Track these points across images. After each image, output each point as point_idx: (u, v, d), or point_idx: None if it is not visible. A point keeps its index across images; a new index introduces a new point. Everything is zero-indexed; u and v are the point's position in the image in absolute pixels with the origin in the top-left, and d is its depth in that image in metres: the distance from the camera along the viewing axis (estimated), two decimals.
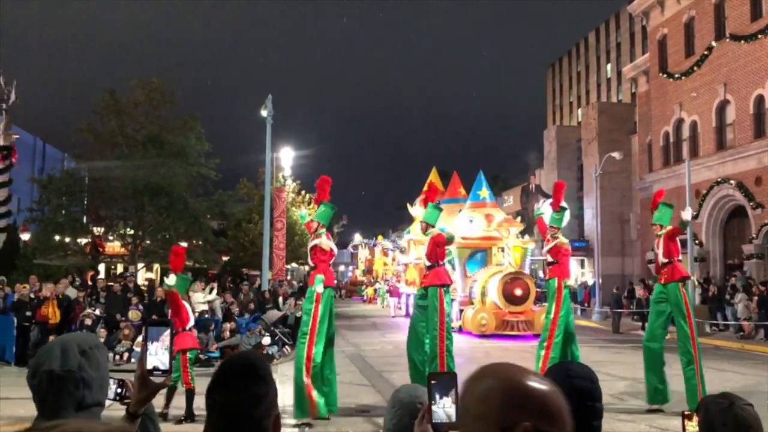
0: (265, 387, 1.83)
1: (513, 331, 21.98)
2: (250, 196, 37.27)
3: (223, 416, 1.78)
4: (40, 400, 1.89)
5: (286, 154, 31.73)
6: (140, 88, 28.03)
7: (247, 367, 1.85)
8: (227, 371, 1.86)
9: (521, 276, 22.86)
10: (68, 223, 27.50)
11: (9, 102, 28.82)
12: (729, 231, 29.47)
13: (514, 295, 22.11)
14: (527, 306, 22.45)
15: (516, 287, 22.19)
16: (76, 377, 1.91)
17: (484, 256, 25.04)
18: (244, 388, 1.80)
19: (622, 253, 40.34)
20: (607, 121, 40.67)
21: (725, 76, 28.32)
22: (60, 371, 1.90)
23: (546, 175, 47.27)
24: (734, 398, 2.36)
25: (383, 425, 2.49)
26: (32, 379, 1.90)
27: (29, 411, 7.25)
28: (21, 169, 32.66)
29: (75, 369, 1.92)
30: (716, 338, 21.00)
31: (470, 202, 26.24)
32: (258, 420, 1.79)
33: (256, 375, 1.84)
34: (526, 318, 22.28)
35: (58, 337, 2.12)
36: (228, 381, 1.82)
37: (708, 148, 29.46)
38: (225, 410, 1.78)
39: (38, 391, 1.89)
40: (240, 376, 1.82)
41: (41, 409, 1.90)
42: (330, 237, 10.10)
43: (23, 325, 15.61)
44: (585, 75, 65.44)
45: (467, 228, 24.75)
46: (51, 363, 1.90)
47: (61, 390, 1.88)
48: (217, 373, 1.86)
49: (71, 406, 1.89)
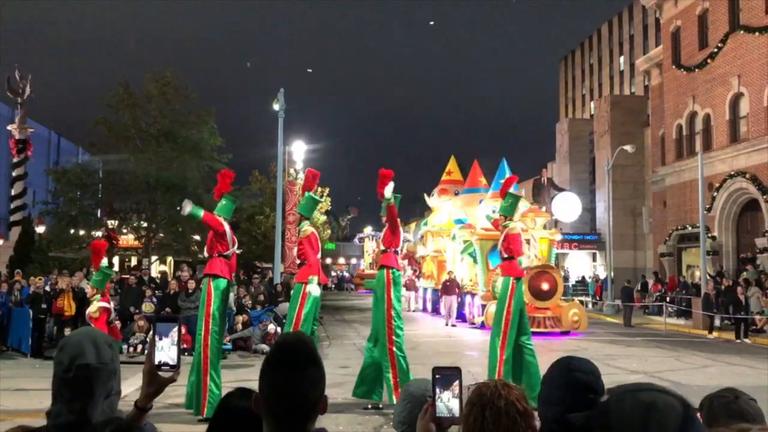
0: (321, 369, 1.87)
1: (539, 327, 20.52)
2: (262, 190, 37.36)
3: (283, 398, 1.80)
4: (73, 391, 1.95)
5: (298, 147, 31.72)
6: (153, 82, 28.13)
7: (306, 350, 1.86)
8: (288, 353, 1.85)
9: (548, 270, 21.61)
10: (82, 216, 27.69)
11: (24, 96, 29.07)
12: (742, 224, 29.30)
13: (540, 289, 20.95)
14: (555, 301, 21.28)
15: (543, 281, 21.03)
16: (109, 369, 2.00)
17: None
18: (305, 371, 1.83)
19: (635, 247, 40.21)
20: (619, 113, 40.47)
21: (739, 69, 28.11)
22: (96, 364, 1.97)
23: (558, 168, 47.10)
24: (739, 393, 2.40)
25: (393, 418, 2.55)
26: (66, 372, 1.96)
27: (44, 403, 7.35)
28: (36, 163, 32.95)
29: (108, 362, 2.00)
30: (728, 332, 20.93)
31: (492, 192, 24.56)
32: (314, 401, 1.83)
33: (314, 357, 1.86)
34: (553, 314, 21.07)
35: (79, 331, 2.18)
36: (290, 363, 1.83)
37: (721, 141, 29.27)
38: (285, 392, 1.80)
39: (73, 383, 1.95)
40: (301, 358, 1.84)
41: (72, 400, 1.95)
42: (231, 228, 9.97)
43: (39, 317, 15.78)
44: (598, 67, 65.03)
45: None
46: (86, 357, 1.97)
47: (96, 381, 1.96)
48: (277, 354, 1.87)
49: (103, 395, 1.97)
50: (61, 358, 2.00)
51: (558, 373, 2.13)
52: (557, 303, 21.43)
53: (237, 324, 17.00)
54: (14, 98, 29.35)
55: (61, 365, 1.98)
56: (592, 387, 2.25)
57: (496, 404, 1.83)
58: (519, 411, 1.84)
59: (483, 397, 1.85)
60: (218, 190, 10.09)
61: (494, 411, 1.82)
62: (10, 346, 15.92)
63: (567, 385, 1.95)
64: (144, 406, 2.00)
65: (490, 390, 1.87)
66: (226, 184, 10.08)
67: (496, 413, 1.82)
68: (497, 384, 1.90)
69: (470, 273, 25.06)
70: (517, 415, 1.83)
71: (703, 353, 16.82)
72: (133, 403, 2.02)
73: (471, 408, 1.86)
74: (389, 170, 10.07)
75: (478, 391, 1.89)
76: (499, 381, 1.94)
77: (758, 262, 26.38)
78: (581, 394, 2.16)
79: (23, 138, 28.71)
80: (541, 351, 16.68)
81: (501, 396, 1.85)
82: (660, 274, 32.36)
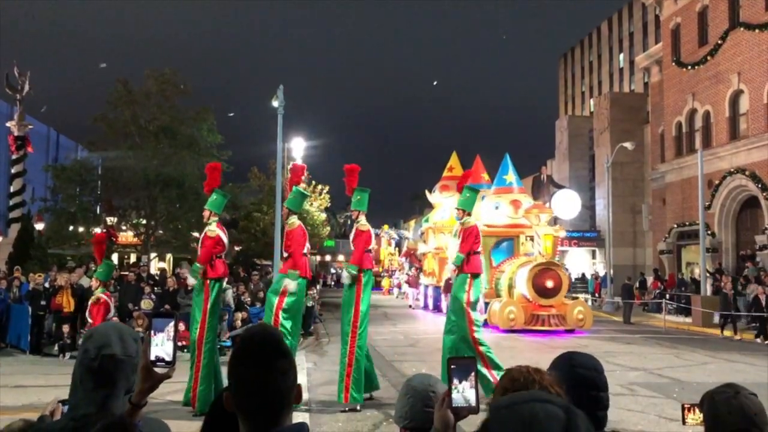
0: (289, 359, 1.85)
1: (543, 326, 20.39)
2: (261, 187, 37.36)
3: (253, 393, 1.78)
4: (97, 381, 1.93)
5: (298, 144, 31.69)
6: (152, 79, 28.11)
7: (272, 342, 1.84)
8: (252, 346, 1.83)
9: (553, 266, 21.18)
10: (81, 213, 27.67)
11: (23, 93, 29.01)
12: (741, 221, 29.30)
13: (545, 287, 20.56)
14: (559, 299, 20.88)
15: (547, 279, 20.64)
16: (133, 363, 1.98)
17: (510, 245, 23.76)
18: (272, 363, 1.80)
19: (634, 244, 40.21)
20: (619, 111, 40.44)
21: (739, 66, 28.09)
22: (122, 356, 1.96)
23: (558, 166, 47.08)
24: (739, 388, 2.39)
25: (395, 413, 2.53)
26: (93, 361, 1.94)
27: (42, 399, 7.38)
28: (35, 159, 32.92)
29: (134, 355, 1.99)
30: (728, 329, 20.92)
31: (495, 188, 24.73)
32: (285, 393, 1.81)
33: (281, 349, 1.84)
34: (557, 312, 20.65)
35: (106, 324, 2.18)
36: (256, 356, 1.80)
37: (721, 139, 29.25)
38: (254, 386, 1.78)
39: (98, 372, 1.93)
40: (267, 350, 1.82)
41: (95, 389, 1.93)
42: (221, 226, 9.79)
43: (38, 314, 15.78)
44: (597, 65, 65.00)
45: (492, 215, 23.45)
46: (113, 348, 1.96)
47: (119, 374, 1.95)
48: (243, 349, 1.85)
49: (124, 389, 1.96)
50: (88, 346, 1.99)
51: (560, 370, 2.11)
52: (562, 301, 21.04)
53: (236, 321, 17.00)
54: (13, 95, 29.29)
55: (87, 353, 1.97)
56: (594, 383, 2.23)
57: (529, 389, 1.81)
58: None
59: (516, 383, 1.83)
60: (208, 184, 10.00)
61: None
62: (9, 343, 15.91)
63: (569, 382, 1.93)
64: (138, 402, 1.98)
65: (523, 376, 1.85)
66: (215, 177, 10.02)
67: None
68: (529, 369, 1.89)
69: None
70: None
71: (702, 350, 16.83)
72: (127, 400, 2.00)
73: (503, 393, 1.83)
74: (355, 165, 10.10)
75: (510, 377, 1.86)
76: (530, 367, 1.92)
77: (758, 259, 26.38)
78: (584, 391, 2.14)
79: (22, 135, 28.65)
80: (542, 348, 16.76)
81: (535, 381, 1.83)
82: (660, 272, 32.37)
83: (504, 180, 24.53)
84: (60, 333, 15.26)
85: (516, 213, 23.38)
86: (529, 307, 20.75)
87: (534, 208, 22.73)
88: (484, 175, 27.70)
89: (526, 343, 17.87)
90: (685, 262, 32.86)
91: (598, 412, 2.23)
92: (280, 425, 1.79)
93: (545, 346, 17.22)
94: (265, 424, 1.78)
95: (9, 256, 25.05)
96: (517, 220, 23.34)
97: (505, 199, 23.80)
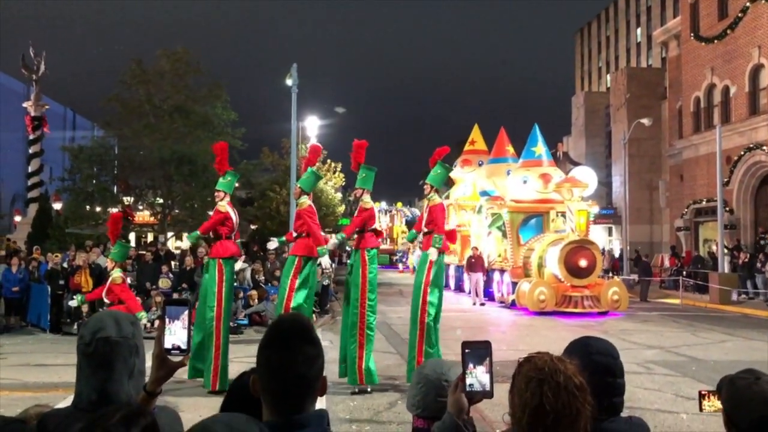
0: (318, 348, 1.86)
1: (576, 308, 19.13)
2: (275, 166, 37.33)
3: (279, 376, 1.79)
4: (93, 365, 1.94)
5: (312, 123, 31.59)
6: (165, 57, 28.09)
7: (301, 328, 1.86)
8: (283, 332, 1.85)
9: (586, 245, 19.59)
10: (98, 193, 27.86)
11: (39, 73, 29.13)
12: (760, 198, 28.98)
13: (578, 266, 19.15)
14: (593, 279, 19.55)
15: (580, 258, 19.16)
16: (130, 344, 1.98)
17: (540, 221, 22.22)
18: (300, 349, 1.81)
19: (651, 221, 39.96)
20: (636, 86, 39.98)
21: (759, 39, 27.60)
22: (116, 337, 1.96)
23: (574, 142, 46.75)
24: (759, 374, 2.36)
25: (407, 400, 2.53)
26: (87, 346, 1.96)
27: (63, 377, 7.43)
28: (52, 140, 33.11)
29: (130, 336, 1.99)
30: (746, 306, 20.79)
31: (523, 160, 23.06)
32: (311, 380, 1.82)
33: (310, 336, 1.85)
34: (591, 293, 19.32)
35: (102, 311, 2.19)
36: (285, 341, 1.82)
37: (740, 114, 28.85)
38: (280, 370, 1.79)
39: (95, 357, 1.94)
40: (296, 336, 1.83)
41: (93, 374, 1.94)
42: (232, 205, 9.77)
43: (57, 293, 15.96)
44: (614, 40, 64.15)
45: (520, 189, 22.09)
46: (107, 330, 1.97)
47: (116, 356, 1.95)
48: (272, 333, 1.86)
49: (126, 373, 1.96)
50: (83, 332, 2.01)
51: (577, 357, 2.08)
52: (596, 281, 19.80)
53: (252, 299, 17.12)
54: (29, 75, 29.42)
55: (82, 339, 1.99)
56: (611, 370, 2.21)
57: (555, 379, 1.79)
58: (577, 385, 1.81)
59: (541, 372, 1.81)
60: (219, 163, 9.90)
61: (553, 386, 1.78)
62: (30, 322, 16.12)
63: (586, 369, 1.90)
64: (153, 391, 1.99)
65: (547, 364, 1.83)
66: (225, 157, 9.95)
67: (555, 388, 1.78)
68: (552, 357, 1.87)
69: (498, 248, 22.96)
70: (575, 389, 1.80)
71: (719, 327, 16.74)
72: (142, 388, 2.01)
73: (528, 382, 1.81)
74: (363, 141, 10.01)
75: (533, 365, 1.84)
76: (552, 354, 1.90)
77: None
78: (600, 378, 2.12)
79: (39, 115, 28.83)
80: (558, 327, 16.71)
81: (559, 371, 1.81)
82: (677, 249, 32.16)
83: (532, 152, 22.71)
84: (79, 312, 15.43)
85: (546, 187, 21.66)
86: (561, 287, 19.47)
87: (566, 182, 20.86)
88: (508, 147, 26.63)
89: (558, 326, 16.89)
90: (702, 239, 32.60)
91: (614, 399, 2.21)
92: (303, 412, 1.81)
93: (559, 324, 17.17)
94: (288, 409, 1.79)
95: (28, 235, 25.32)
96: (547, 194, 21.67)
97: (534, 172, 22.02)
